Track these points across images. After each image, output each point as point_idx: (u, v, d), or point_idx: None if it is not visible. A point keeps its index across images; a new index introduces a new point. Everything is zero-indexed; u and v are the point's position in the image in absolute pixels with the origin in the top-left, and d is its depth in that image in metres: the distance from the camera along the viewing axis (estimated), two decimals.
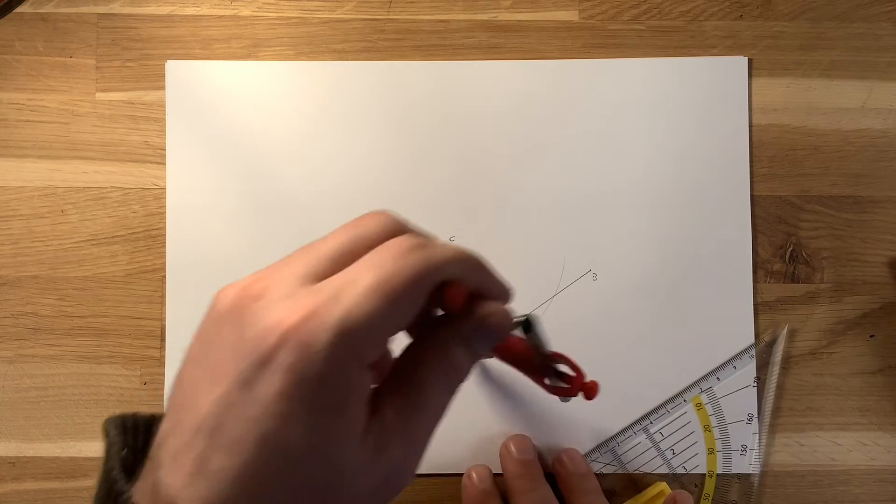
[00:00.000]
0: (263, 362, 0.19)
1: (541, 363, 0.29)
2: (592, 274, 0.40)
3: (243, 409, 0.19)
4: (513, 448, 0.38)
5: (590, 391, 0.29)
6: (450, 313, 0.24)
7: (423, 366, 0.23)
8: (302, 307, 0.20)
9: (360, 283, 0.20)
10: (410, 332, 0.25)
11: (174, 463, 0.20)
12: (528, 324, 0.26)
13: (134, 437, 0.23)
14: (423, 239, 0.22)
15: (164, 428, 0.21)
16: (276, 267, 0.22)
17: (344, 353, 0.20)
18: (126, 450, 0.23)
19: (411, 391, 0.22)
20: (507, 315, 0.24)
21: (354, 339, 0.20)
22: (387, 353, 0.26)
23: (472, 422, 0.40)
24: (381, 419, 0.22)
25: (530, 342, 0.28)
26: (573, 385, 0.29)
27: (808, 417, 0.40)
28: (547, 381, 0.30)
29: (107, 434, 0.23)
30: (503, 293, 0.25)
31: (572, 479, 0.38)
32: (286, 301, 0.20)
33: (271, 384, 0.19)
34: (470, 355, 0.24)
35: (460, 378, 0.24)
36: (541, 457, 0.39)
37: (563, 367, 0.30)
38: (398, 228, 0.23)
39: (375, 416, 0.21)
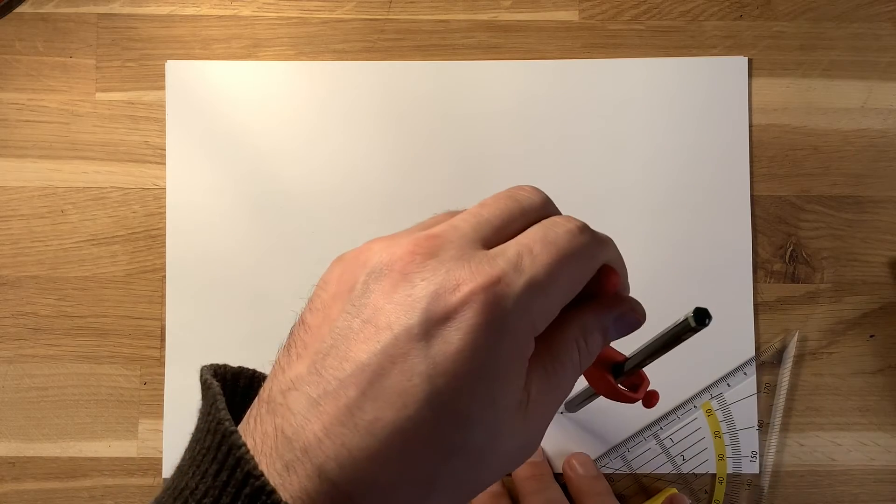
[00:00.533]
0: (442, 319, 0.19)
1: (641, 364, 0.27)
2: None
3: (412, 363, 0.19)
4: None
5: (652, 399, 0.28)
6: (602, 296, 0.24)
7: (566, 346, 0.23)
8: (485, 271, 0.20)
9: (540, 255, 0.21)
10: None
11: (314, 409, 0.19)
12: (703, 317, 0.24)
13: (223, 389, 0.22)
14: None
15: (292, 373, 0.20)
16: (438, 227, 0.22)
17: (525, 322, 0.20)
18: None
19: (552, 368, 0.22)
20: (643, 310, 0.25)
21: (534, 309, 0.20)
22: None
23: None
24: (528, 391, 0.21)
25: (667, 339, 0.26)
26: (639, 391, 0.28)
27: (808, 417, 0.40)
28: (620, 385, 0.28)
29: (207, 384, 0.21)
30: (628, 283, 0.26)
31: (583, 482, 0.38)
32: (464, 262, 0.20)
33: (449, 342, 0.19)
34: (603, 343, 0.24)
35: (589, 363, 0.24)
36: (549, 462, 0.39)
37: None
38: (553, 207, 0.24)
39: (525, 387, 0.22)
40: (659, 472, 0.40)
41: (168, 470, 0.40)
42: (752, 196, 0.41)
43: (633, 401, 0.28)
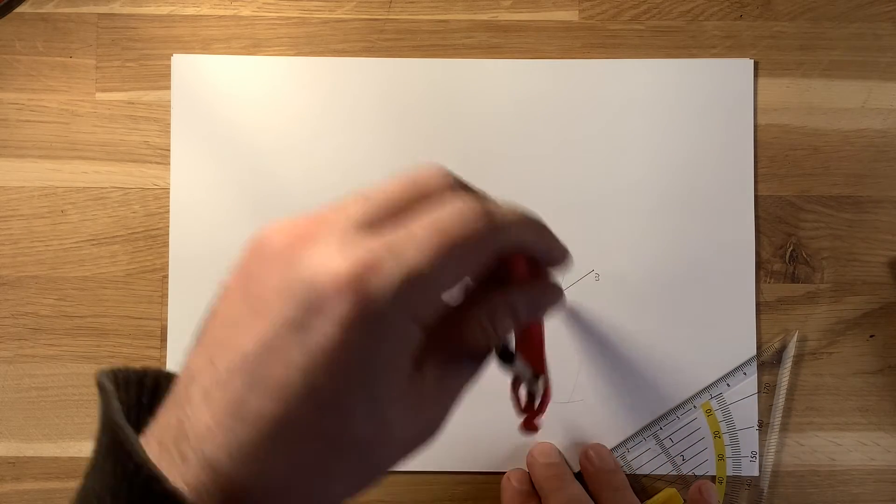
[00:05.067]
0: (316, 309, 0.18)
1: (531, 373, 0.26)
2: (595, 274, 0.40)
3: (290, 355, 0.18)
4: (536, 454, 0.39)
5: (534, 428, 0.27)
6: (510, 281, 0.23)
7: (469, 328, 0.22)
8: (360, 258, 0.18)
9: (423, 242, 0.19)
10: None
11: (206, 400, 0.19)
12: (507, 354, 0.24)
13: (126, 392, 0.22)
14: (488, 202, 0.21)
15: (194, 364, 0.20)
16: (328, 209, 0.21)
17: (402, 310, 0.19)
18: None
19: (454, 351, 0.22)
20: (557, 293, 0.24)
21: (414, 298, 0.19)
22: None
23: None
24: (423, 377, 0.21)
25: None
26: (542, 407, 0.27)
27: (808, 417, 0.40)
28: (521, 390, 0.27)
29: (102, 386, 0.21)
30: (562, 257, 0.24)
31: (600, 476, 0.38)
32: (342, 248, 0.19)
33: (323, 334, 0.18)
34: (512, 324, 0.23)
35: (496, 345, 0.24)
36: (567, 463, 0.39)
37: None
38: (461, 189, 0.22)
39: (418, 373, 0.21)
40: (659, 473, 0.40)
41: None
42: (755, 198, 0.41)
43: (530, 415, 0.27)
